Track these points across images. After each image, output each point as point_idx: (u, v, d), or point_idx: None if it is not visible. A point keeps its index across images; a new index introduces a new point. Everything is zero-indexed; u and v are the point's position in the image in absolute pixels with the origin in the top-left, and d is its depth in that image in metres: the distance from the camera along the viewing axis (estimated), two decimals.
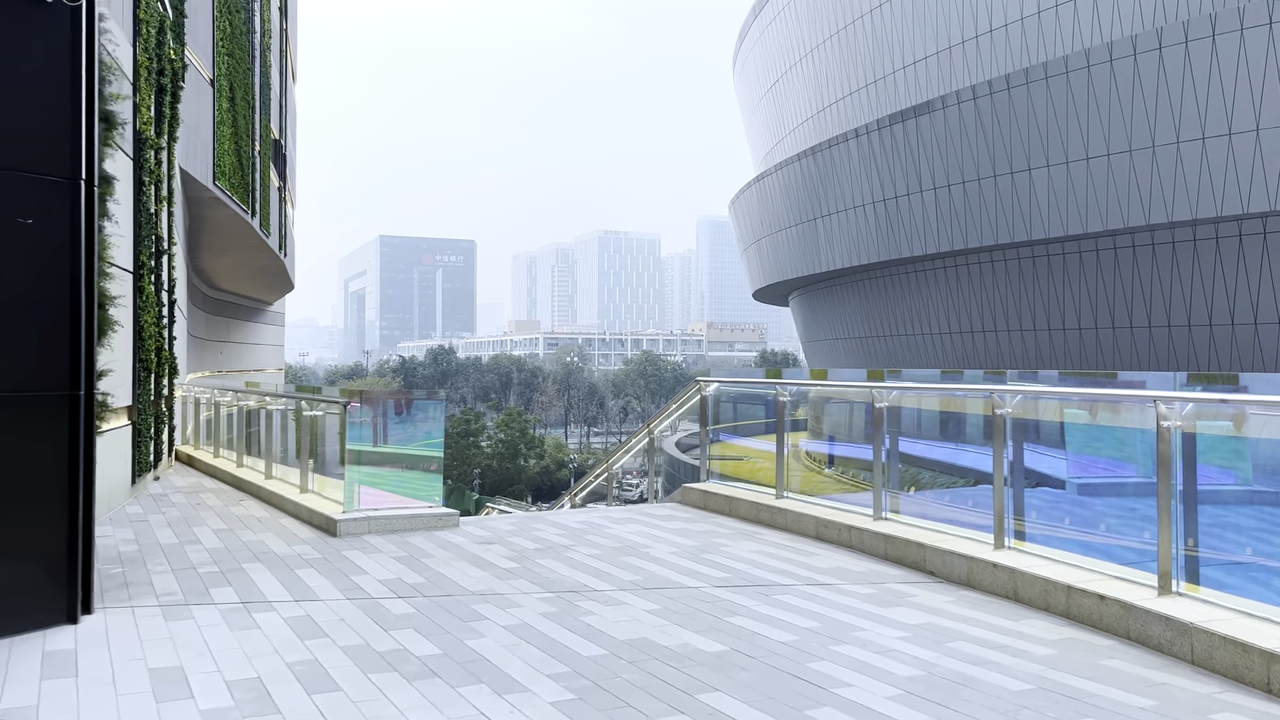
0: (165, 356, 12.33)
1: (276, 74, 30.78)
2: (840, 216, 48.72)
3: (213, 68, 19.38)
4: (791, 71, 58.84)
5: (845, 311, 55.64)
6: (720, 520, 9.40)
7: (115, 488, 9.77)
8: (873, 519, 8.08)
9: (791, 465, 14.24)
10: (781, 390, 9.32)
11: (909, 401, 8.80)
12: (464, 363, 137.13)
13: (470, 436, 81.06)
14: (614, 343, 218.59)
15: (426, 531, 8.64)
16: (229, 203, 21.15)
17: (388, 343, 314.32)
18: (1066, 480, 7.72)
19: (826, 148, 48.48)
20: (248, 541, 8.12)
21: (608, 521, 9.28)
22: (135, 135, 10.51)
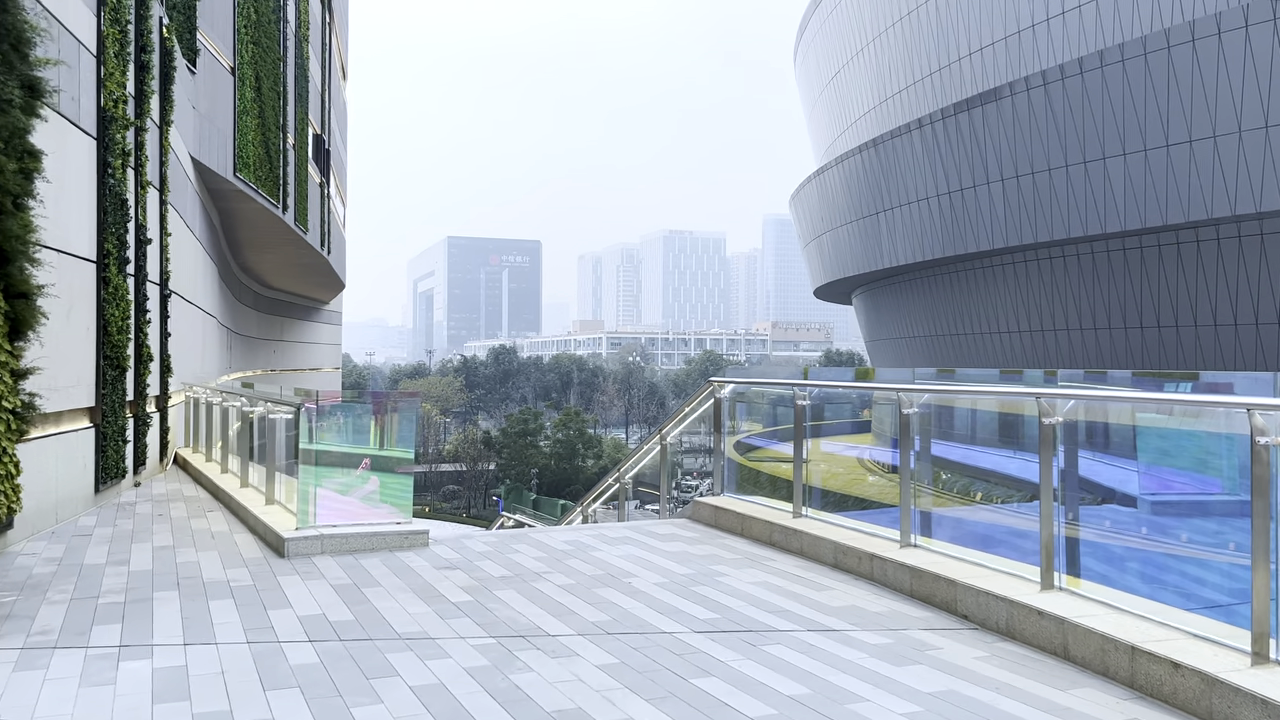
0: (147, 353, 11.53)
1: (318, 68, 30.25)
2: (903, 210, 46.91)
3: (234, 56, 18.69)
4: (853, 62, 57.05)
5: (909, 309, 53.69)
6: (729, 541, 8.21)
7: (67, 497, 8.93)
8: (899, 546, 6.82)
9: (835, 473, 12.85)
10: (800, 392, 8.09)
11: (961, 403, 7.54)
12: (525, 362, 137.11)
13: (528, 436, 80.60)
14: (677, 342, 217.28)
15: (388, 552, 7.61)
16: (255, 196, 20.48)
17: (455, 342, 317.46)
18: (1138, 496, 6.41)
19: (888, 139, 46.70)
20: (181, 563, 7.17)
21: (599, 541, 8.15)
22: (99, 112, 9.68)
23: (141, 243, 11.42)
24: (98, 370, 9.73)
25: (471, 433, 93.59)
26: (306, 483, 7.74)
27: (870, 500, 12.32)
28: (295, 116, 25.76)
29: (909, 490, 6.86)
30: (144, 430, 11.53)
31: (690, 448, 75.99)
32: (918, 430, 6.95)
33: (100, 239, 9.72)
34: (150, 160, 11.99)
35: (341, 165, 42.08)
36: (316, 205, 30.50)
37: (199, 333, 18.53)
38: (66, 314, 8.83)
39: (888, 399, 8.62)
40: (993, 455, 8.13)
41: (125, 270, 10.46)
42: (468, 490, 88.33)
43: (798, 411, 8.11)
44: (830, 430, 11.39)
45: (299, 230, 26.50)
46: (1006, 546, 7.10)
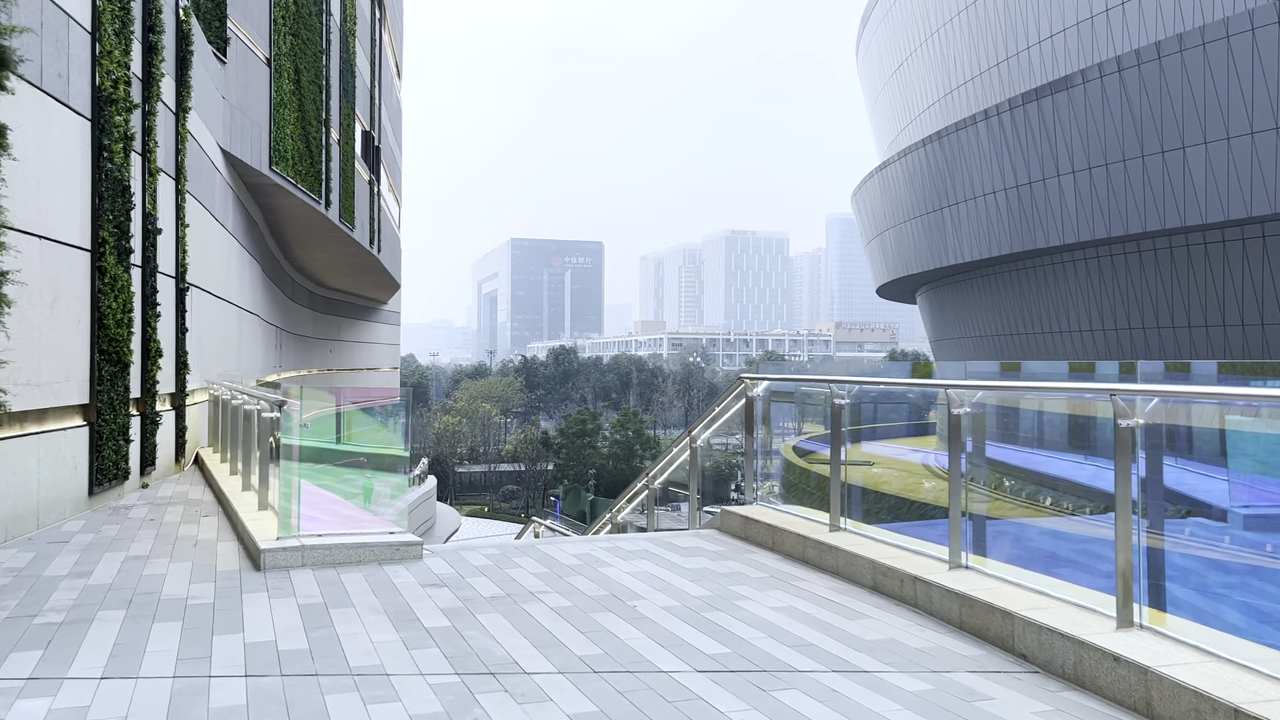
0: (156, 348, 11.00)
1: (366, 64, 29.93)
2: (968, 205, 45.28)
3: (269, 47, 18.27)
4: (916, 54, 55.43)
5: (975, 307, 51.93)
6: (757, 557, 7.32)
7: (52, 500, 8.38)
8: (947, 567, 5.89)
9: (886, 479, 11.94)
10: (837, 390, 7.18)
11: (1026, 403, 6.58)
12: (585, 363, 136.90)
13: (586, 437, 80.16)
14: (739, 343, 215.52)
15: (376, 565, 6.87)
16: (295, 191, 20.07)
17: (518, 343, 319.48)
18: (1228, 510, 5.41)
19: (953, 131, 45.13)
20: (146, 576, 6.51)
21: (611, 555, 7.33)
22: (94, 92, 9.14)
23: (150, 232, 10.90)
24: (92, 365, 9.18)
25: (530, 433, 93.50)
26: (288, 488, 7.05)
27: (924, 509, 11.26)
28: (340, 111, 25.40)
29: (958, 502, 5.92)
30: (152, 429, 11.01)
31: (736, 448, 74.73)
32: (969, 433, 6.01)
33: (95, 226, 9.18)
34: (161, 147, 11.48)
35: (395, 164, 41.90)
36: (365, 203, 30.18)
37: (233, 329, 18.13)
38: (50, 304, 8.29)
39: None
40: (1060, 460, 7.15)
41: (128, 261, 9.92)
42: (526, 490, 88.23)
43: (834, 412, 7.19)
44: (889, 432, 10.48)
45: (345, 227, 26.15)
46: (1075, 569, 6.12)
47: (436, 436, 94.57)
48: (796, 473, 16.35)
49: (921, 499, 12.83)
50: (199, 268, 13.99)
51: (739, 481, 11.21)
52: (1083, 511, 6.74)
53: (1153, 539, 4.88)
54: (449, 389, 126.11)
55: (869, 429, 9.66)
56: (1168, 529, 4.94)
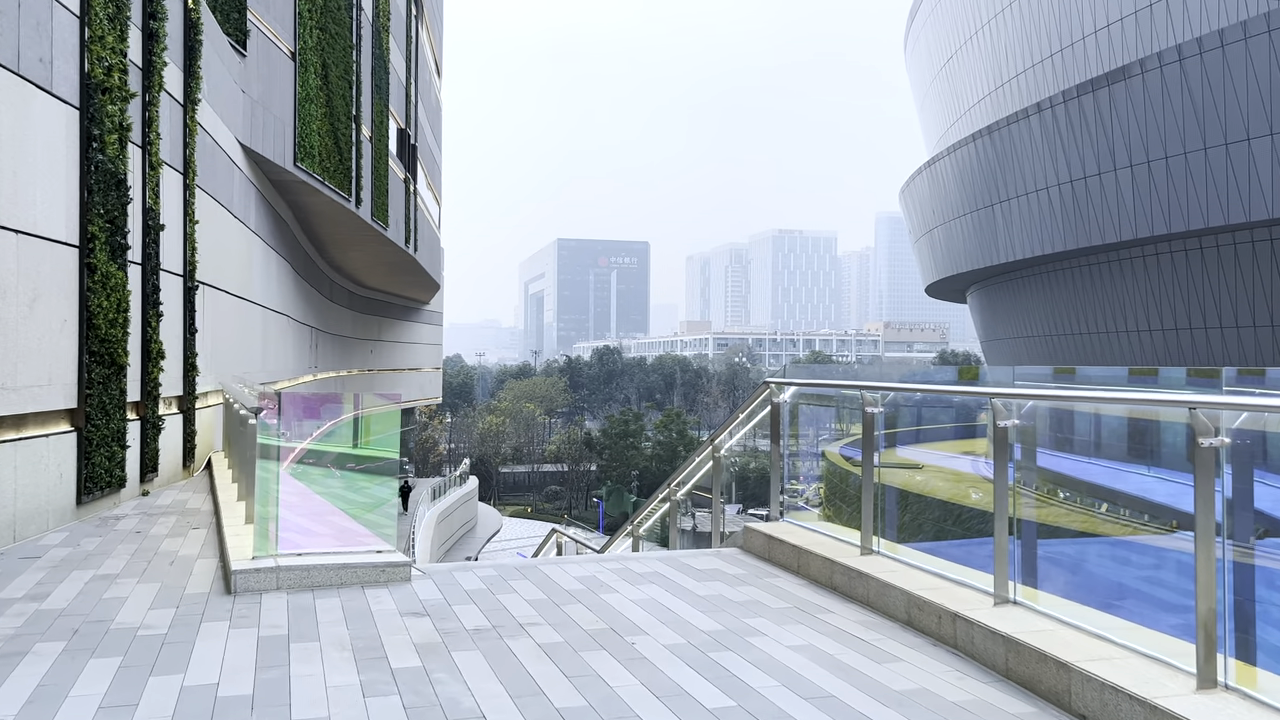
0: (157, 349, 10.53)
1: (401, 60, 29.57)
2: (1020, 201, 43.91)
3: (294, 41, 17.86)
4: (967, 46, 54.03)
5: (1027, 307, 50.45)
6: (780, 582, 6.60)
7: (33, 511, 7.90)
8: (992, 601, 5.13)
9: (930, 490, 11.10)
10: (869, 396, 6.43)
11: (1081, 406, 5.79)
12: (629, 363, 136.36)
13: (629, 438, 79.60)
14: (785, 343, 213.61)
15: (357, 589, 6.27)
16: (321, 188, 19.67)
17: (564, 343, 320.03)
18: None
19: (1005, 125, 43.78)
20: (106, 599, 5.97)
21: (619, 578, 6.65)
22: (83, 79, 8.66)
23: (151, 228, 10.44)
24: (80, 368, 8.71)
25: (574, 433, 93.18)
26: (265, 501, 6.47)
27: (969, 523, 10.43)
28: (372, 108, 25.02)
29: (1004, 528, 5.15)
30: (154, 434, 10.55)
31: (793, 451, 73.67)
32: (1019, 448, 5.24)
33: (83, 220, 8.70)
34: (166, 139, 11.03)
35: (434, 163, 41.61)
36: (400, 202, 29.83)
37: (256, 330, 17.75)
38: (29, 303, 7.81)
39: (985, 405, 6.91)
40: (1121, 472, 6.34)
41: (124, 257, 9.45)
42: (569, 491, 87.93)
43: (866, 421, 6.45)
44: (934, 435, 9.68)
45: (377, 226, 25.77)
46: (1143, 603, 5.33)
47: (480, 436, 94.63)
48: (840, 476, 15.49)
49: (967, 512, 11.92)
50: (213, 266, 13.56)
51: (785, 484, 10.43)
52: (1150, 533, 5.95)
53: (1241, 578, 4.10)
54: (494, 389, 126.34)
55: (912, 431, 8.90)
56: (1260, 566, 4.15)
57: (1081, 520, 6.15)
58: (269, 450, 6.55)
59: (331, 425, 8.73)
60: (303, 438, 7.11)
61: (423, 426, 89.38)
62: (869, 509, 6.47)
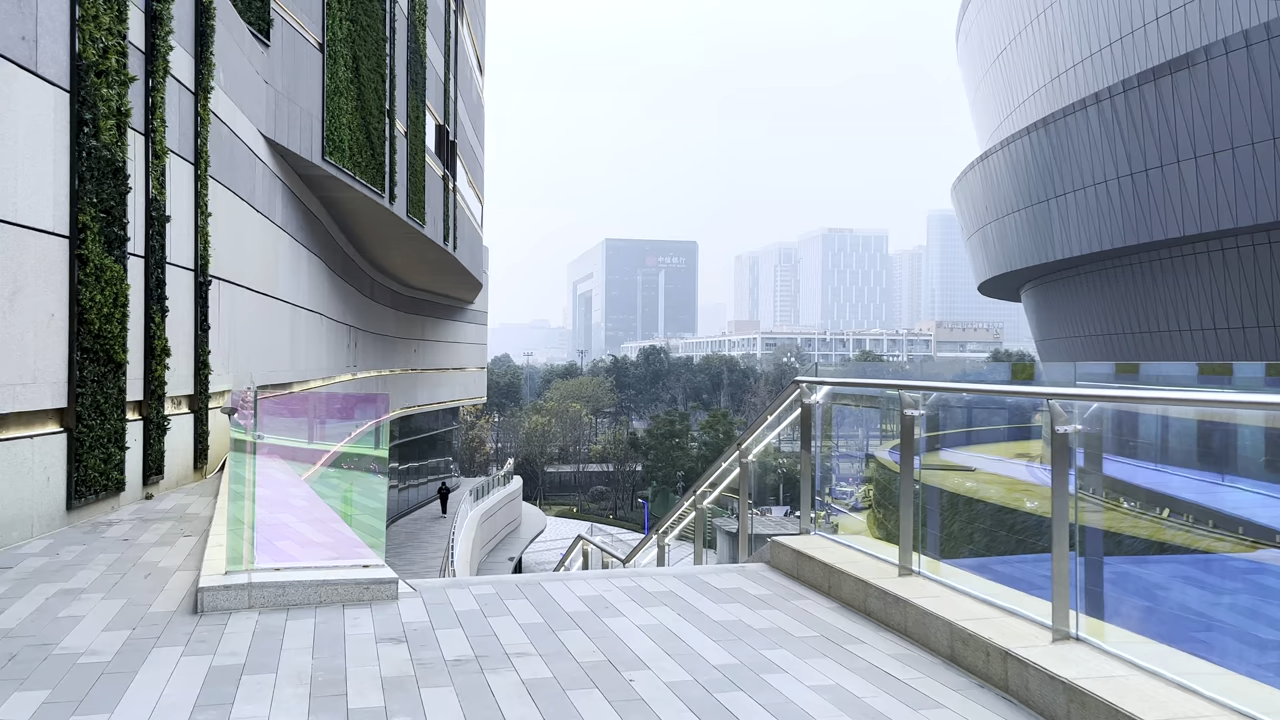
0: (161, 346, 10.08)
1: (439, 55, 29.19)
2: (1077, 196, 42.47)
3: (322, 32, 17.46)
4: (1021, 36, 52.53)
5: (1085, 305, 48.86)
6: (809, 604, 5.89)
7: (15, 518, 7.45)
8: (1050, 637, 4.38)
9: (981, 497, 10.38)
10: (909, 398, 5.69)
11: (1148, 408, 5.05)
12: (676, 363, 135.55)
13: (675, 438, 78.89)
14: (835, 343, 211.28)
15: (337, 608, 5.68)
16: (352, 183, 19.27)
17: (612, 343, 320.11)
18: None
19: (1061, 117, 42.36)
20: (61, 619, 5.44)
21: (629, 598, 5.98)
22: (73, 60, 8.20)
23: (155, 219, 9.99)
24: (71, 365, 8.26)
25: (619, 433, 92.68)
26: (239, 511, 5.91)
27: (1024, 536, 9.65)
28: (408, 103, 24.63)
29: (1064, 551, 4.40)
30: (158, 435, 10.10)
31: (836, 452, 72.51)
32: (1083, 456, 4.49)
33: (74, 210, 8.25)
34: (173, 127, 10.59)
35: (475, 161, 41.28)
36: (437, 199, 29.45)
37: (284, 328, 17.37)
38: (9, 297, 7.35)
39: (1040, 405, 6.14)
40: (1217, 487, 5.54)
41: (121, 250, 9.00)
42: (615, 491, 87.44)
43: (904, 425, 5.71)
44: (983, 437, 8.92)
45: (413, 223, 25.38)
46: (1243, 645, 4.54)
47: (526, 436, 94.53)
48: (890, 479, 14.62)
49: (1020, 521, 11.05)
50: (230, 261, 13.14)
51: (834, 485, 9.69)
52: (1246, 550, 5.16)
53: None
54: (540, 389, 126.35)
55: (960, 433, 8.13)
56: None
57: (1159, 537, 5.38)
58: (242, 452, 5.99)
59: (338, 429, 8.20)
60: (284, 440, 6.56)
61: (469, 426, 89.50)
62: (908, 524, 5.74)
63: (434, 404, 51.87)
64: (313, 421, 7.74)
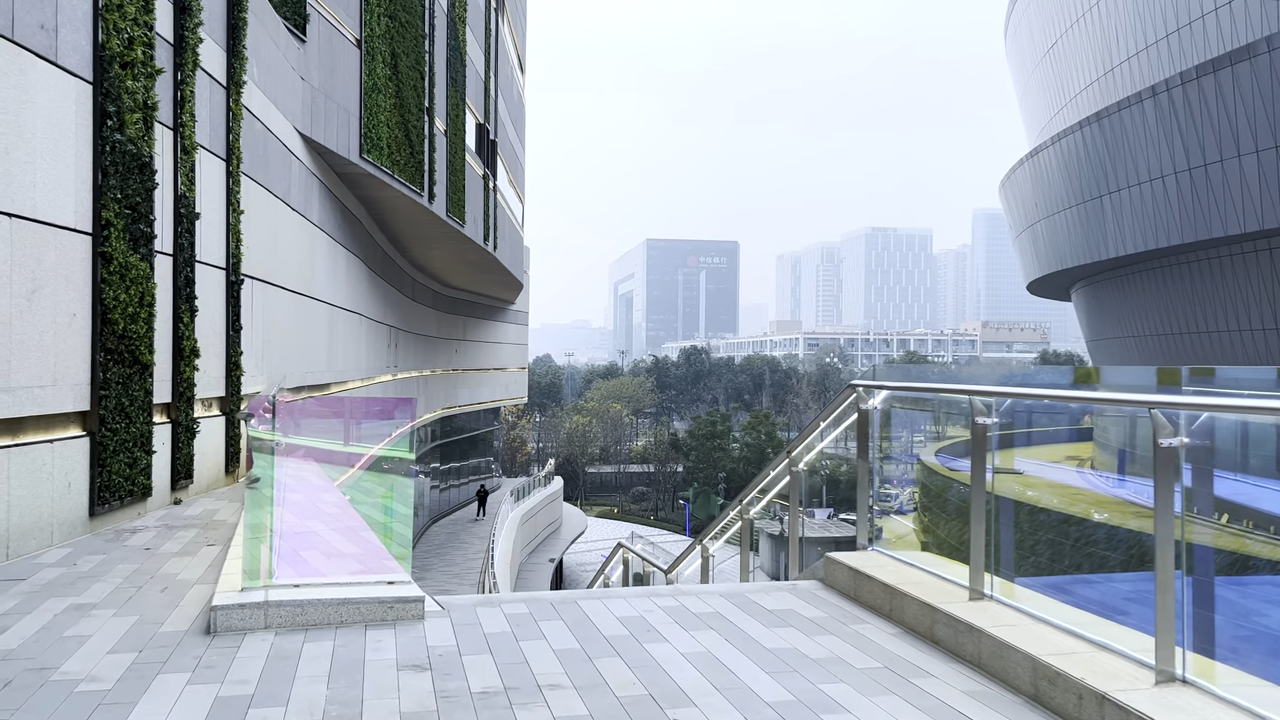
0: (190, 347, 9.80)
1: (479, 53, 28.94)
2: (1132, 192, 41.28)
3: (360, 28, 17.20)
4: (1074, 29, 51.29)
5: (1139, 305, 47.54)
6: (868, 630, 5.39)
7: (35, 525, 7.16)
8: (1153, 679, 3.86)
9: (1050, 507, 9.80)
10: (980, 404, 5.18)
11: (1263, 422, 4.48)
12: (717, 363, 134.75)
13: (716, 439, 78.26)
14: (879, 343, 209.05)
15: (359, 629, 5.28)
16: (390, 181, 19.02)
17: (653, 344, 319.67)
18: None
19: (1115, 111, 41.21)
20: (66, 639, 5.10)
21: (672, 621, 5.53)
22: (96, 51, 7.92)
23: (184, 216, 9.71)
24: (94, 366, 7.97)
25: (660, 434, 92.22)
26: (256, 521, 5.54)
27: (1092, 552, 8.97)
28: (447, 101, 24.38)
29: (1169, 580, 3.87)
30: (187, 438, 9.83)
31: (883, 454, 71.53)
32: (1191, 471, 3.95)
33: (97, 206, 7.96)
34: (203, 121, 10.31)
35: (516, 161, 41.05)
36: (477, 198, 29.20)
37: (321, 328, 17.14)
38: (27, 295, 7.07)
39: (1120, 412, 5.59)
40: None
41: (148, 247, 8.72)
42: (656, 492, 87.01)
43: (976, 435, 5.20)
44: (1028, 439, 8.31)
45: (453, 222, 25.12)
46: None
47: (567, 436, 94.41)
48: (942, 486, 13.92)
49: (1088, 533, 10.44)
50: (264, 259, 12.88)
51: (877, 487, 9.14)
52: None
53: None
54: (581, 389, 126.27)
55: (1003, 435, 7.55)
56: None
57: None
58: (263, 456, 5.63)
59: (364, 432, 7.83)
60: (307, 442, 6.20)
61: (510, 426, 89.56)
62: (979, 543, 5.23)
63: (475, 404, 51.79)
64: (336, 424, 7.38)
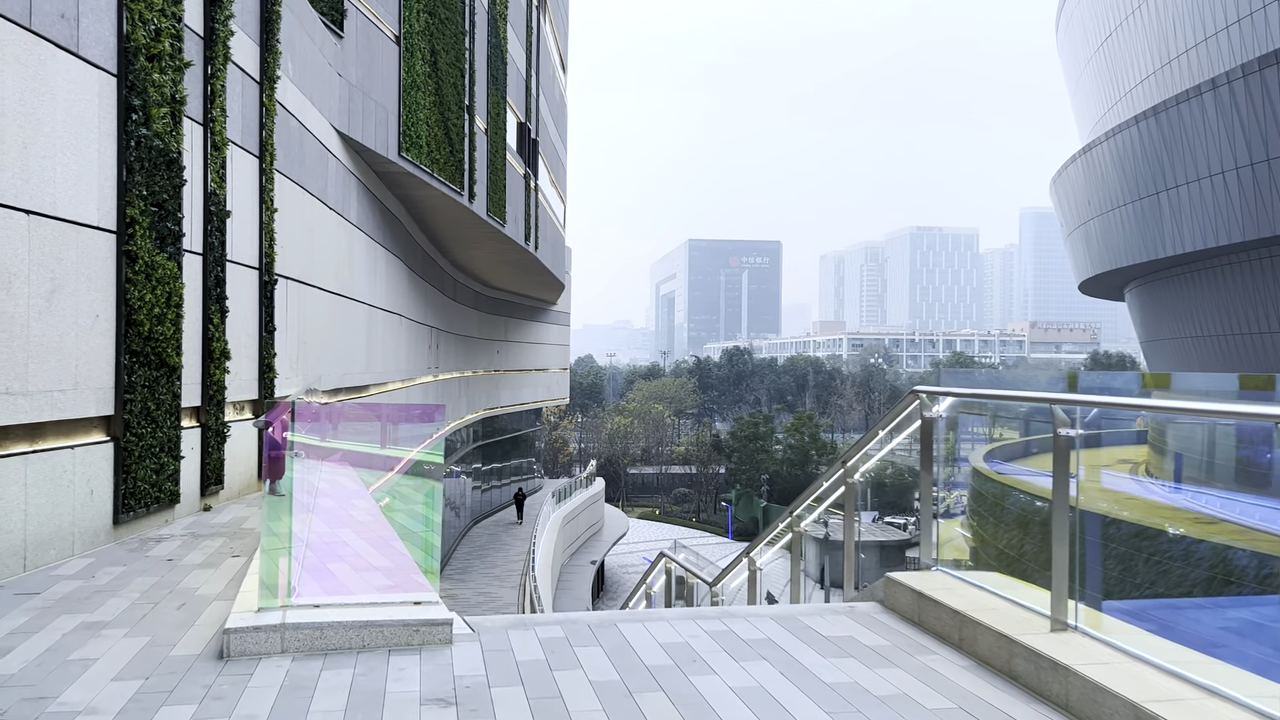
0: (220, 349, 9.53)
1: (520, 52, 28.66)
2: (1191, 188, 40.03)
3: (399, 24, 16.93)
4: (1129, 21, 49.95)
5: (1198, 304, 46.14)
6: (937, 662, 4.90)
7: (52, 534, 6.89)
8: None
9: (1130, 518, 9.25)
10: (1063, 414, 4.66)
11: None
12: (760, 364, 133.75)
13: (759, 440, 77.50)
14: (924, 344, 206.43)
15: (382, 654, 4.90)
16: (430, 180, 18.75)
17: (695, 344, 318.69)
18: None
19: (1174, 105, 39.99)
20: (70, 662, 4.77)
21: (720, 649, 5.07)
22: (120, 42, 7.65)
23: (214, 214, 9.44)
24: (118, 369, 7.69)
25: (702, 435, 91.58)
26: (274, 536, 5.18)
27: (1166, 574, 8.49)
28: (488, 99, 24.10)
29: None
30: (218, 443, 9.55)
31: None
32: None
33: (121, 203, 7.68)
34: (235, 117, 10.04)
35: (558, 160, 40.77)
36: (518, 198, 28.92)
37: (359, 329, 16.90)
38: (46, 295, 6.79)
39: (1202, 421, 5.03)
40: None
41: (176, 246, 8.44)
42: (698, 494, 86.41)
43: (1059, 447, 4.68)
44: (1107, 440, 7.76)
45: (494, 222, 24.85)
46: None
47: (609, 437, 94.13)
48: (998, 494, 13.23)
49: (1163, 548, 9.91)
50: (299, 259, 12.62)
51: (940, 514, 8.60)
52: None
53: None
54: (623, 389, 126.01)
55: (1045, 438, 6.98)
56: None
57: None
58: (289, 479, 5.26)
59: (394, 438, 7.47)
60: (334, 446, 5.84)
61: (551, 427, 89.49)
62: (1062, 567, 4.71)
63: (517, 405, 51.64)
64: (367, 428, 7.02)
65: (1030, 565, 6.47)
